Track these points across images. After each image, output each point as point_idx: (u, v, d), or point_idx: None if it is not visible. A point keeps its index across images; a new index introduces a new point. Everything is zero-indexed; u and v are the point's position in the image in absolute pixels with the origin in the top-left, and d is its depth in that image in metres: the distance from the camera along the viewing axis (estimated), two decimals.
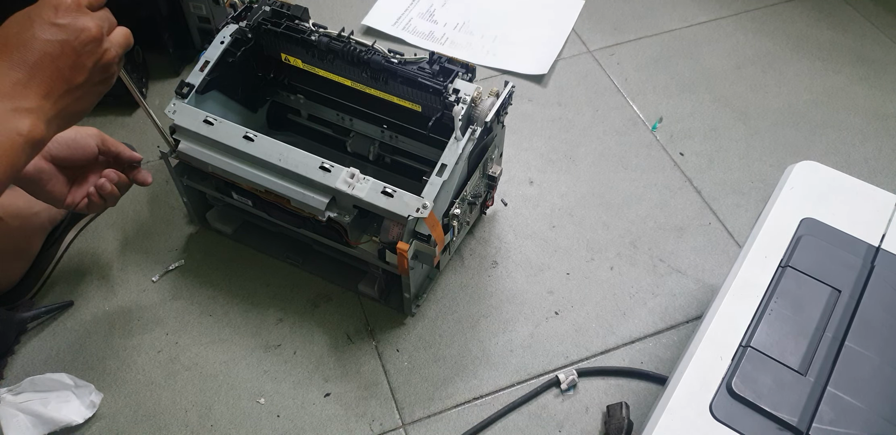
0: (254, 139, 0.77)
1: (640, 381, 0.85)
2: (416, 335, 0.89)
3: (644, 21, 1.29)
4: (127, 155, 0.77)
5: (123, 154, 0.76)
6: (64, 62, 0.48)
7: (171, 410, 0.83)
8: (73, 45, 0.49)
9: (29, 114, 0.46)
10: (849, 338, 0.62)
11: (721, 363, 0.62)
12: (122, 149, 0.76)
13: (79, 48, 0.49)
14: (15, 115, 0.46)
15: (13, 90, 0.46)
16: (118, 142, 0.77)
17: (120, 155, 0.76)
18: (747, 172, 1.07)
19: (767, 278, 0.67)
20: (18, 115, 0.46)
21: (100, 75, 0.52)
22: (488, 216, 1.00)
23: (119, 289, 0.93)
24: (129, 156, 0.77)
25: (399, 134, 0.89)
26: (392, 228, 0.76)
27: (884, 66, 1.21)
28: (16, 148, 0.46)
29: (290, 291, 0.93)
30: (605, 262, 0.96)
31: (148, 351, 0.87)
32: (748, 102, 1.16)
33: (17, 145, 0.46)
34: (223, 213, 0.96)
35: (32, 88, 0.47)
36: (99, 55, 0.51)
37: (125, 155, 0.77)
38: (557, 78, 1.20)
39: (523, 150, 1.09)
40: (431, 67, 0.78)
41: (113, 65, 0.53)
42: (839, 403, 0.59)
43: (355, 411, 0.83)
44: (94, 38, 0.50)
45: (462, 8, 1.30)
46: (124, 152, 0.77)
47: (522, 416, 0.83)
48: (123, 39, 0.55)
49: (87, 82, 0.51)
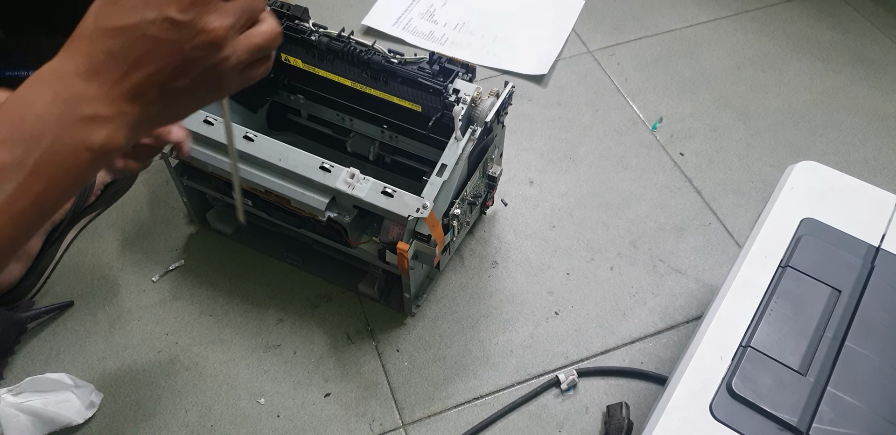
0: (254, 139, 0.77)
1: (640, 381, 0.85)
2: (416, 335, 0.89)
3: (644, 21, 1.29)
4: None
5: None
6: (166, 64, 0.37)
7: (171, 410, 0.83)
8: (183, 48, 0.37)
9: (108, 123, 0.36)
10: (849, 338, 0.62)
11: (721, 363, 0.62)
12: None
13: (188, 52, 0.37)
14: (88, 124, 0.36)
15: (96, 92, 0.36)
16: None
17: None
18: (747, 172, 1.07)
19: (767, 278, 0.67)
20: (92, 125, 0.36)
21: (208, 85, 0.40)
22: (488, 216, 1.00)
23: (119, 289, 0.92)
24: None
25: (399, 134, 0.89)
26: (392, 228, 0.76)
27: (884, 66, 1.21)
28: (80, 165, 0.36)
29: (290, 291, 0.93)
30: (605, 262, 0.96)
31: (148, 351, 0.87)
32: (748, 102, 1.16)
33: (83, 162, 0.36)
34: (223, 214, 0.96)
35: (119, 91, 0.36)
36: (213, 63, 0.39)
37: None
38: (557, 78, 1.20)
39: (523, 150, 1.09)
40: (431, 67, 0.78)
41: (229, 74, 0.40)
42: (839, 403, 0.59)
43: (355, 411, 0.83)
44: (211, 43, 0.38)
45: (462, 8, 1.30)
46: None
47: (522, 416, 0.83)
48: (258, 43, 0.40)
49: (190, 89, 0.39)
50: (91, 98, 0.35)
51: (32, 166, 0.34)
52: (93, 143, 0.36)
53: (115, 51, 0.36)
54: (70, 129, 0.35)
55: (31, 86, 0.35)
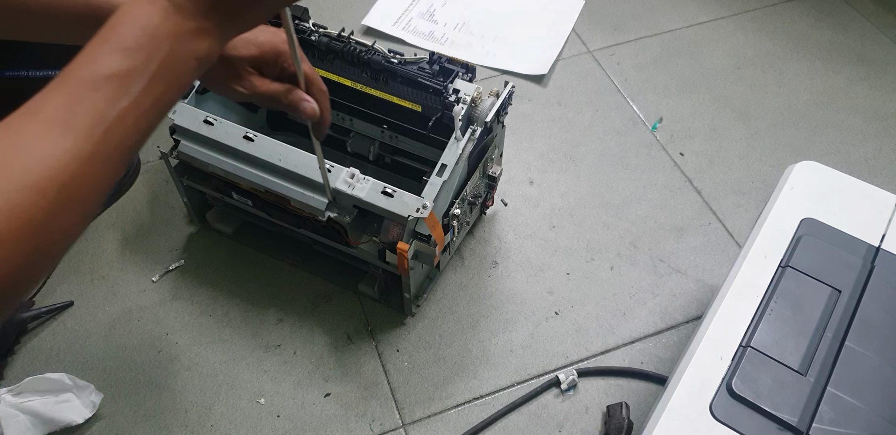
0: (254, 139, 0.77)
1: (640, 381, 0.85)
2: (416, 335, 0.89)
3: (644, 21, 1.29)
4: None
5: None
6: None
7: (171, 410, 0.83)
8: None
9: (208, 35, 0.41)
10: (849, 338, 0.62)
11: (721, 363, 0.62)
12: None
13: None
14: (194, 36, 0.40)
15: (195, 8, 0.40)
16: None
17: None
18: (747, 172, 1.07)
19: (767, 278, 0.67)
20: (198, 37, 0.41)
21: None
22: (488, 216, 1.00)
23: (119, 289, 0.93)
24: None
25: (399, 134, 0.88)
26: (392, 228, 0.76)
27: (884, 66, 1.21)
28: (190, 71, 0.41)
29: (290, 291, 0.93)
30: (605, 262, 0.96)
31: (148, 351, 0.87)
32: (748, 102, 1.16)
33: (192, 68, 0.41)
34: (223, 214, 0.96)
35: (220, 4, 0.41)
36: None
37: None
38: (557, 78, 1.20)
39: (523, 150, 1.09)
40: (431, 67, 0.78)
41: None
42: (839, 403, 0.59)
43: (355, 411, 0.83)
44: None
45: (462, 8, 1.30)
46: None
47: (522, 416, 0.83)
48: None
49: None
50: (193, 14, 0.40)
51: (154, 72, 0.38)
52: (199, 52, 0.41)
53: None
54: (181, 40, 0.40)
55: (140, 1, 0.40)
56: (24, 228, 0.33)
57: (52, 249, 0.36)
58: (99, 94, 0.36)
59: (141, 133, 0.39)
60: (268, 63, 0.58)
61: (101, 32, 0.38)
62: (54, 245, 0.35)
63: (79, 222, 0.37)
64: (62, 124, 0.35)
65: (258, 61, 0.57)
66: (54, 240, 0.35)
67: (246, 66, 0.57)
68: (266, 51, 0.57)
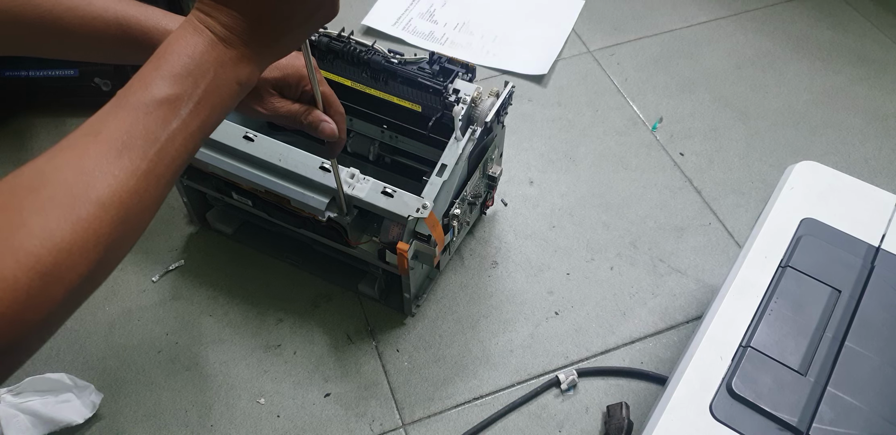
0: (254, 139, 0.77)
1: (640, 381, 0.85)
2: (416, 335, 0.89)
3: (644, 21, 1.29)
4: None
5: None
6: (295, 15, 0.44)
7: (171, 410, 0.83)
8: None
9: (250, 61, 0.44)
10: (849, 338, 0.62)
11: (721, 363, 0.62)
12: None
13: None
14: (237, 63, 0.43)
15: (244, 37, 0.43)
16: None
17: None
18: (747, 172, 1.07)
19: (767, 278, 0.67)
20: (240, 64, 0.43)
21: (317, 20, 0.45)
22: (488, 216, 1.00)
23: (119, 289, 0.93)
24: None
25: (399, 134, 0.88)
26: (392, 228, 0.76)
27: (884, 66, 1.21)
28: (232, 95, 0.44)
29: (290, 291, 0.93)
30: (605, 262, 0.96)
31: (148, 351, 0.87)
32: (748, 102, 1.16)
33: (234, 92, 0.44)
34: (223, 214, 0.96)
35: (259, 34, 0.43)
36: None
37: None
38: (557, 78, 1.20)
39: (523, 150, 1.09)
40: (431, 67, 0.78)
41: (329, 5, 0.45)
42: (839, 403, 0.59)
43: (355, 411, 0.83)
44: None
45: (462, 8, 1.30)
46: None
47: (522, 416, 0.83)
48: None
49: (303, 28, 0.45)
50: (235, 43, 0.43)
51: (201, 96, 0.41)
52: (240, 77, 0.44)
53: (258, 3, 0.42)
54: (224, 67, 0.42)
55: (186, 32, 0.42)
56: (91, 239, 0.35)
57: (112, 260, 0.38)
58: (152, 118, 0.39)
59: (188, 153, 0.41)
60: (289, 85, 0.60)
61: (151, 60, 0.41)
62: (114, 256, 0.37)
63: (135, 237, 0.39)
64: (120, 146, 0.37)
65: (280, 83, 0.60)
66: (114, 250, 0.37)
67: (268, 88, 0.59)
68: (289, 73, 0.60)
